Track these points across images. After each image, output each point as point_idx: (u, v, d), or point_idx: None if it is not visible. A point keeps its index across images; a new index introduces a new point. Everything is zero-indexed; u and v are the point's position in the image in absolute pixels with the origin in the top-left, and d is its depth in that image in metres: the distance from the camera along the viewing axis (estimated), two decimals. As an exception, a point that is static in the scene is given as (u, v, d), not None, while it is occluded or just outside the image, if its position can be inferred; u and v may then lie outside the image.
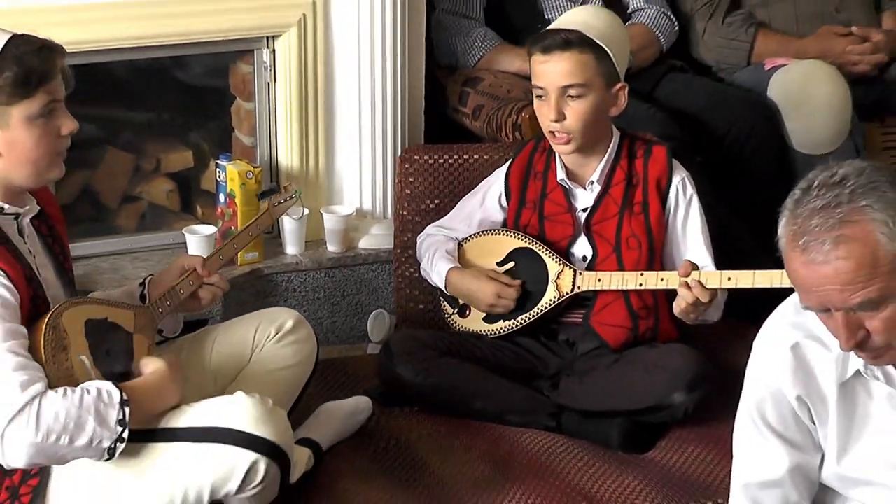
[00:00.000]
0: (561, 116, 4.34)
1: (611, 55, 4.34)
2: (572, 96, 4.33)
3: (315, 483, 3.97)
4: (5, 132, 3.56)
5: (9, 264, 3.53)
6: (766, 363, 3.12)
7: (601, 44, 4.32)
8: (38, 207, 3.80)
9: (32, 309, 3.59)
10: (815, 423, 3.09)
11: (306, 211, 5.13)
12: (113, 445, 3.49)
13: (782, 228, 2.84)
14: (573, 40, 4.31)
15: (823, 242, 2.74)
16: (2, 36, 3.56)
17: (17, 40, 3.55)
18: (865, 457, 3.07)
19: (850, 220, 2.73)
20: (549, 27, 4.45)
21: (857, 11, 5.75)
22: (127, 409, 3.48)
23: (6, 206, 3.66)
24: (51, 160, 3.66)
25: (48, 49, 3.59)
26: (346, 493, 4.01)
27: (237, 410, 3.62)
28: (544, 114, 4.39)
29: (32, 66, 3.54)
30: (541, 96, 4.39)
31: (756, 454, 3.16)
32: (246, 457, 3.55)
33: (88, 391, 3.46)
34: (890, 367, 2.99)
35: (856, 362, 2.99)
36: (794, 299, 3.07)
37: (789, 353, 3.06)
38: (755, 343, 3.17)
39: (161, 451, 3.62)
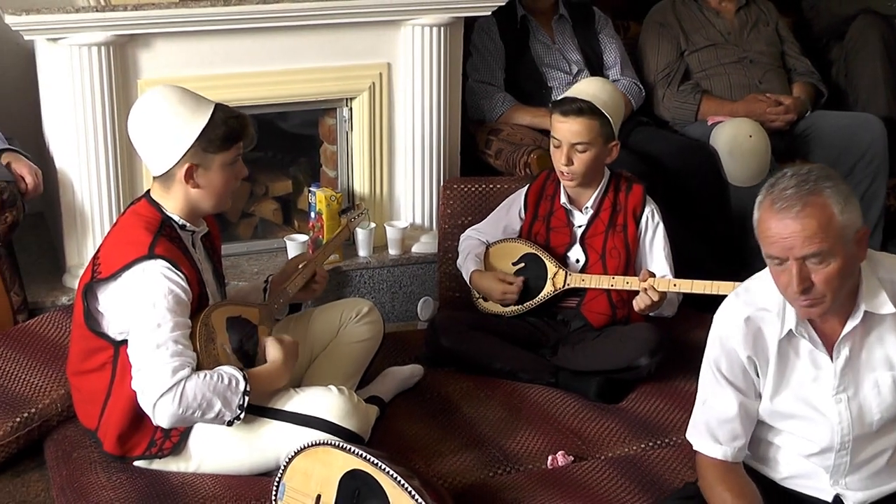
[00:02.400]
0: (570, 163, 4.37)
1: (611, 122, 4.37)
2: (579, 150, 4.35)
3: (380, 425, 3.96)
4: (207, 172, 3.66)
5: (188, 269, 3.61)
6: (724, 330, 3.15)
7: (605, 113, 4.34)
8: (207, 228, 3.87)
9: (198, 304, 3.65)
10: (758, 376, 3.13)
11: (373, 224, 5.14)
12: (232, 420, 3.56)
13: (761, 200, 2.96)
14: (584, 109, 4.33)
15: (794, 205, 2.87)
16: (208, 103, 3.67)
17: (221, 108, 3.67)
18: (790, 396, 3.11)
19: (814, 194, 2.89)
20: (568, 94, 4.43)
21: (774, 83, 5.72)
22: (247, 398, 3.55)
23: (188, 224, 3.74)
24: (228, 196, 3.76)
25: (243, 116, 3.71)
26: (401, 431, 4.03)
27: (330, 404, 3.67)
28: (558, 158, 4.41)
29: (234, 128, 3.66)
30: (557, 145, 4.40)
31: (715, 398, 3.17)
32: (333, 442, 3.56)
33: (222, 378, 3.53)
34: (812, 330, 3.06)
35: (789, 322, 3.06)
36: (743, 285, 3.19)
37: (743, 324, 3.11)
38: (715, 317, 3.20)
39: (269, 426, 3.68)
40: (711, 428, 3.19)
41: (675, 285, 4.24)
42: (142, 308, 3.53)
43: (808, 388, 3.10)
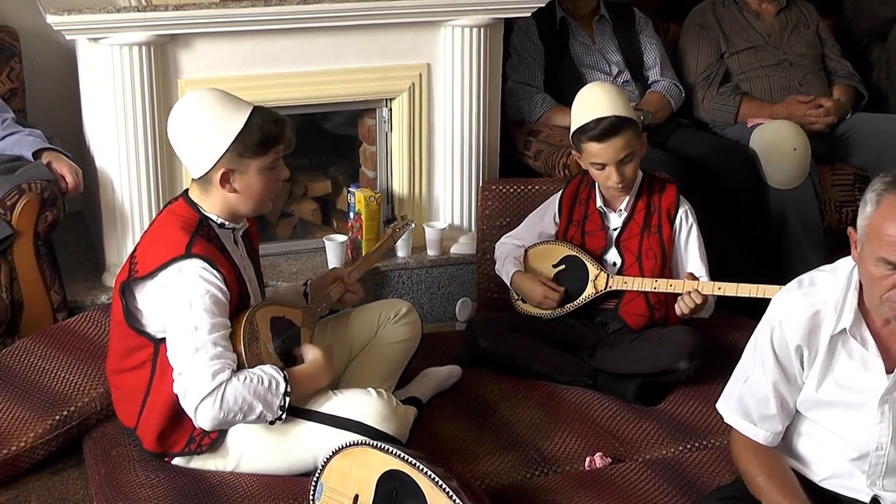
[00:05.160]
0: (623, 178, 4.34)
1: (638, 122, 4.35)
2: (626, 161, 4.31)
3: (418, 426, 3.94)
4: (243, 177, 3.63)
5: (226, 268, 3.61)
6: (781, 315, 3.10)
7: (631, 117, 4.32)
8: (247, 226, 3.86)
9: (239, 301, 3.65)
10: (802, 368, 3.10)
11: (412, 225, 5.09)
12: (274, 420, 3.57)
13: (878, 197, 2.87)
14: (617, 124, 4.27)
15: None
16: (246, 107, 3.63)
17: (258, 111, 3.63)
18: (834, 386, 3.07)
19: None
20: (589, 119, 4.32)
21: (814, 85, 5.69)
22: (287, 399, 3.55)
23: (227, 223, 3.72)
24: (268, 199, 3.74)
25: (281, 121, 3.67)
26: (439, 431, 4.01)
27: (369, 408, 3.67)
28: (604, 179, 4.36)
29: (270, 133, 3.62)
30: (601, 168, 4.34)
31: (756, 378, 3.15)
32: (371, 442, 3.53)
33: (262, 381, 3.52)
34: (868, 335, 3.02)
35: (845, 321, 3.01)
36: (808, 276, 3.12)
37: (802, 314, 3.06)
38: (773, 300, 3.15)
39: (307, 428, 3.67)
40: (747, 406, 3.18)
41: (719, 288, 4.20)
42: (178, 309, 3.53)
43: (855, 384, 3.07)
